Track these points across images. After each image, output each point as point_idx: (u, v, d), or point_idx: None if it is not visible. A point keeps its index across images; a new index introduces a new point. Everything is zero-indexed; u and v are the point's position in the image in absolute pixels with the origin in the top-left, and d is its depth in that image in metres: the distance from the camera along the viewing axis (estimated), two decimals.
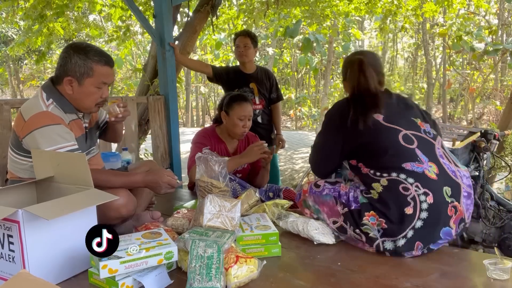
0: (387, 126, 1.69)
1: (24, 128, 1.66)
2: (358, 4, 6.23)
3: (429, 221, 1.54)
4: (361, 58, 1.81)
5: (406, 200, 1.55)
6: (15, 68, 17.41)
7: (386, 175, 1.61)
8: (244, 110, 2.37)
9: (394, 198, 1.56)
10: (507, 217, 2.59)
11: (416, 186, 1.56)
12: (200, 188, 1.87)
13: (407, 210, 1.54)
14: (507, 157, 4.47)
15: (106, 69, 1.76)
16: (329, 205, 1.72)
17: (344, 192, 1.70)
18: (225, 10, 6.45)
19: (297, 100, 16.07)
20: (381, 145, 1.66)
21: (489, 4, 7.90)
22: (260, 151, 2.29)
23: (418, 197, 1.55)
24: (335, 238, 1.70)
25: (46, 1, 4.70)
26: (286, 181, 6.24)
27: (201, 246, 1.31)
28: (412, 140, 1.66)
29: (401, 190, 1.56)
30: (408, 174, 1.58)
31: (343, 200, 1.68)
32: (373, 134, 1.67)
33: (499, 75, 13.05)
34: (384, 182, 1.60)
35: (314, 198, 1.79)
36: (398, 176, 1.59)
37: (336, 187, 1.74)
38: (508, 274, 1.33)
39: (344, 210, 1.66)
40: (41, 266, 1.33)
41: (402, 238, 1.54)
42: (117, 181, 1.74)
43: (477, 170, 2.73)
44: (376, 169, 1.64)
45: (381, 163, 1.64)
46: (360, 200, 1.64)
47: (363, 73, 1.76)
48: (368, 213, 1.60)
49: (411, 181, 1.57)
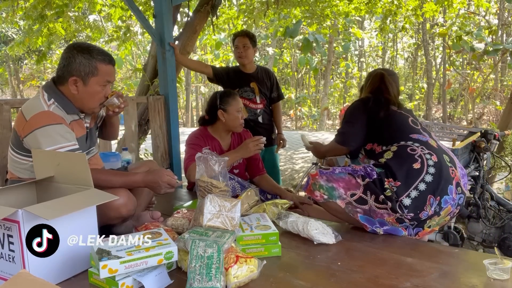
0: (399, 112, 2.07)
1: (26, 128, 1.66)
2: (358, 4, 6.23)
3: (437, 175, 1.77)
4: (383, 72, 2.20)
5: (414, 157, 1.81)
6: (15, 68, 17.42)
7: (396, 144, 1.91)
8: (239, 103, 2.47)
9: (403, 158, 1.82)
10: (507, 217, 2.60)
11: (422, 148, 1.85)
12: (200, 188, 1.87)
13: (415, 165, 1.79)
14: (507, 157, 4.47)
15: (109, 68, 1.77)
16: (345, 180, 1.86)
17: (359, 168, 1.88)
18: (225, 10, 6.45)
19: (297, 100, 16.09)
20: (394, 124, 2.01)
21: (489, 3, 7.88)
22: (255, 147, 2.35)
23: (424, 156, 1.82)
24: (335, 238, 1.70)
25: (46, 1, 4.70)
26: (286, 181, 6.24)
27: (201, 246, 1.31)
28: (417, 123, 2.04)
29: (408, 150, 1.85)
30: (414, 141, 1.90)
31: (361, 173, 1.85)
32: (388, 117, 2.03)
33: (499, 75, 13.05)
34: (394, 148, 1.89)
35: (327, 177, 1.90)
36: (406, 142, 1.89)
37: (347, 167, 1.93)
38: (508, 274, 1.33)
39: (365, 181, 1.83)
40: (41, 266, 1.33)
41: (414, 189, 1.75)
42: (117, 181, 1.74)
43: (477, 170, 2.73)
44: (387, 143, 1.94)
45: (392, 136, 1.95)
46: (377, 170, 1.84)
47: (383, 83, 2.15)
48: (388, 179, 1.79)
49: (417, 144, 1.87)
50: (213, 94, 2.53)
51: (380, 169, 1.85)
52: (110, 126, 2.12)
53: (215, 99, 2.46)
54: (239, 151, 2.38)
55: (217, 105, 2.44)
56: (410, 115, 2.10)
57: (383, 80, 2.15)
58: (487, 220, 2.63)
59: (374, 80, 2.20)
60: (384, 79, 2.15)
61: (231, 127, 2.48)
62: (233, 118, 2.43)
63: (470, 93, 10.40)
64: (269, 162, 3.13)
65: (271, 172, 2.79)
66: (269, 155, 3.19)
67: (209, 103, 2.52)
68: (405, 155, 1.84)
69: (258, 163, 2.59)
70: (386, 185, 1.78)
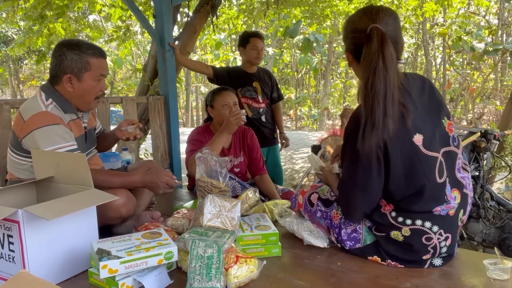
0: (426, 155, 1.36)
1: (24, 128, 1.66)
2: (358, 4, 6.23)
3: (448, 257, 1.48)
4: (380, 29, 1.33)
5: (427, 249, 1.42)
6: (15, 68, 17.42)
7: (410, 223, 1.39)
8: (225, 97, 2.45)
9: (413, 249, 1.42)
10: (507, 217, 2.59)
11: (440, 233, 1.40)
12: (200, 188, 1.87)
13: (425, 257, 1.44)
14: (507, 157, 4.46)
15: (101, 61, 1.78)
16: (324, 228, 1.68)
17: (336, 224, 1.58)
18: (225, 10, 6.45)
19: (297, 100, 16.08)
20: (418, 182, 1.36)
21: (489, 2, 7.88)
22: (236, 120, 2.25)
23: (439, 244, 1.42)
24: (327, 243, 1.66)
25: (47, 1, 4.70)
26: (286, 181, 6.23)
27: (201, 246, 1.31)
28: (443, 168, 1.39)
29: (423, 240, 1.40)
30: (435, 221, 1.39)
31: (335, 233, 1.59)
32: (411, 163, 1.35)
33: (499, 75, 13.05)
34: (406, 232, 1.40)
35: (308, 216, 1.75)
36: (423, 225, 1.39)
37: (330, 211, 1.63)
38: (508, 274, 1.33)
39: (337, 244, 1.61)
40: (41, 266, 1.33)
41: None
42: (116, 181, 1.74)
43: (477, 170, 2.73)
44: (401, 212, 1.41)
45: (411, 205, 1.39)
46: (364, 239, 1.51)
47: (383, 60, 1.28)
48: (372, 258, 1.50)
49: (435, 229, 1.39)
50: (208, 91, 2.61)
51: (371, 240, 1.49)
52: (109, 143, 2.18)
53: (207, 96, 2.57)
54: (223, 130, 2.29)
55: (207, 103, 2.54)
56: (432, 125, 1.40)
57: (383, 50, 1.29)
58: (487, 220, 2.63)
59: (371, 48, 1.30)
60: (384, 47, 1.53)
61: (220, 123, 2.44)
62: (219, 113, 2.46)
63: (470, 93, 10.40)
64: (272, 161, 3.17)
65: (274, 171, 2.80)
66: (272, 154, 3.23)
67: (204, 101, 2.62)
68: (418, 245, 1.41)
69: (259, 162, 2.58)
70: (372, 259, 1.51)
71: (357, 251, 1.53)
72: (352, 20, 1.44)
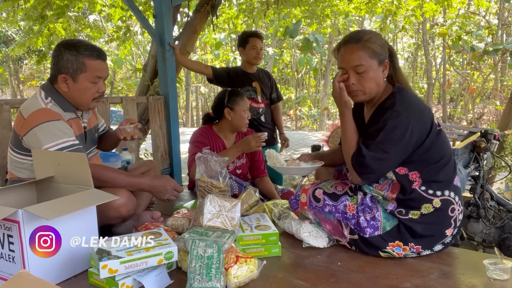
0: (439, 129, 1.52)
1: (24, 126, 1.65)
2: (358, 3, 6.23)
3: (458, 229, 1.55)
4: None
5: (450, 222, 1.50)
6: (15, 68, 17.42)
7: (440, 194, 1.47)
8: (247, 103, 2.49)
9: (440, 222, 1.49)
10: (507, 217, 2.59)
11: (459, 204, 1.51)
12: (200, 188, 1.87)
13: (448, 231, 1.51)
14: (507, 157, 4.47)
15: (98, 63, 1.75)
16: (332, 224, 1.62)
17: (352, 215, 1.56)
18: (225, 10, 6.44)
19: (297, 100, 16.08)
20: (439, 152, 1.48)
21: (489, 3, 7.88)
22: (256, 143, 2.33)
23: (458, 216, 1.51)
24: (327, 242, 1.66)
25: (47, 1, 4.69)
26: (286, 181, 6.23)
27: (201, 246, 1.31)
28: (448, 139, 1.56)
29: (449, 212, 1.48)
30: (456, 191, 1.50)
31: (351, 224, 1.55)
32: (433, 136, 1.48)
33: (499, 75, 13.05)
34: (437, 204, 1.47)
35: (315, 213, 1.67)
36: (449, 195, 1.48)
37: (339, 204, 1.60)
38: (508, 274, 1.33)
39: (352, 236, 1.56)
40: (41, 266, 1.33)
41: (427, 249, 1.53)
42: (123, 179, 1.74)
43: (477, 170, 2.73)
44: (431, 185, 1.47)
45: (440, 176, 1.47)
46: (383, 226, 1.51)
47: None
48: (393, 243, 1.50)
49: (457, 199, 1.50)
50: (222, 91, 2.55)
51: (391, 224, 1.50)
52: (112, 143, 2.16)
53: (223, 97, 2.47)
54: (240, 146, 2.39)
55: (224, 103, 2.45)
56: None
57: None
58: (487, 220, 2.63)
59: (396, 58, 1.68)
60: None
61: (236, 127, 2.49)
62: (239, 117, 2.45)
63: (470, 93, 10.40)
64: None
65: (274, 171, 2.78)
66: None
67: (217, 100, 2.52)
68: (444, 217, 1.47)
69: (260, 165, 2.60)
70: (388, 249, 1.51)
71: (376, 239, 1.51)
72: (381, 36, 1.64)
